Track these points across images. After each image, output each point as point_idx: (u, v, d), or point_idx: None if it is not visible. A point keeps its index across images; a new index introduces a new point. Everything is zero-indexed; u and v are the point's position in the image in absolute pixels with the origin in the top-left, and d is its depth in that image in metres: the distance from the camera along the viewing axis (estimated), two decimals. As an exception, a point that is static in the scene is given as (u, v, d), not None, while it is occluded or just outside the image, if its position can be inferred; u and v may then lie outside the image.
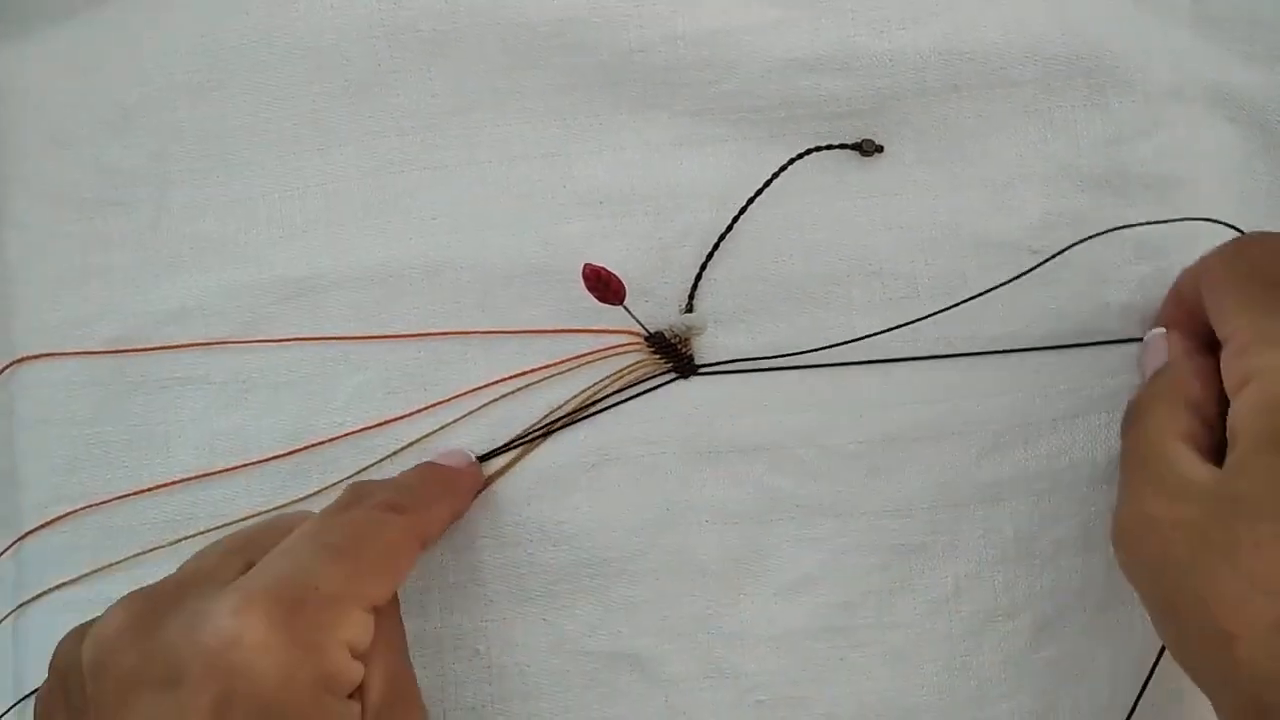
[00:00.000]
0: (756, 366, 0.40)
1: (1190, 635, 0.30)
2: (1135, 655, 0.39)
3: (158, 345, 0.40)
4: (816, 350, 0.39)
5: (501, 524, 0.40)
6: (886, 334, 0.40)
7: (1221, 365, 0.32)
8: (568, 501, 0.40)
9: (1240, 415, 0.30)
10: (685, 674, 0.39)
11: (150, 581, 0.39)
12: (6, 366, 0.41)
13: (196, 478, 0.40)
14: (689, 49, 0.40)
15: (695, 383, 0.40)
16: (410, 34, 0.40)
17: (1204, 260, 0.35)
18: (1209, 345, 0.34)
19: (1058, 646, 0.39)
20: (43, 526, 0.40)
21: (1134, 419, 0.35)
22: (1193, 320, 0.35)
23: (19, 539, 0.40)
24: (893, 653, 0.39)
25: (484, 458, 0.40)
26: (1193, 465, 0.31)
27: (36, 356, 0.41)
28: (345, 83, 0.40)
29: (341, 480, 0.40)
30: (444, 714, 0.39)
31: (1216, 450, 0.32)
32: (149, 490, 0.40)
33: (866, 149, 0.40)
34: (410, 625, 0.39)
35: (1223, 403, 0.32)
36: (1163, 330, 0.37)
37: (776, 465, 0.39)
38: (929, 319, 0.39)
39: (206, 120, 0.41)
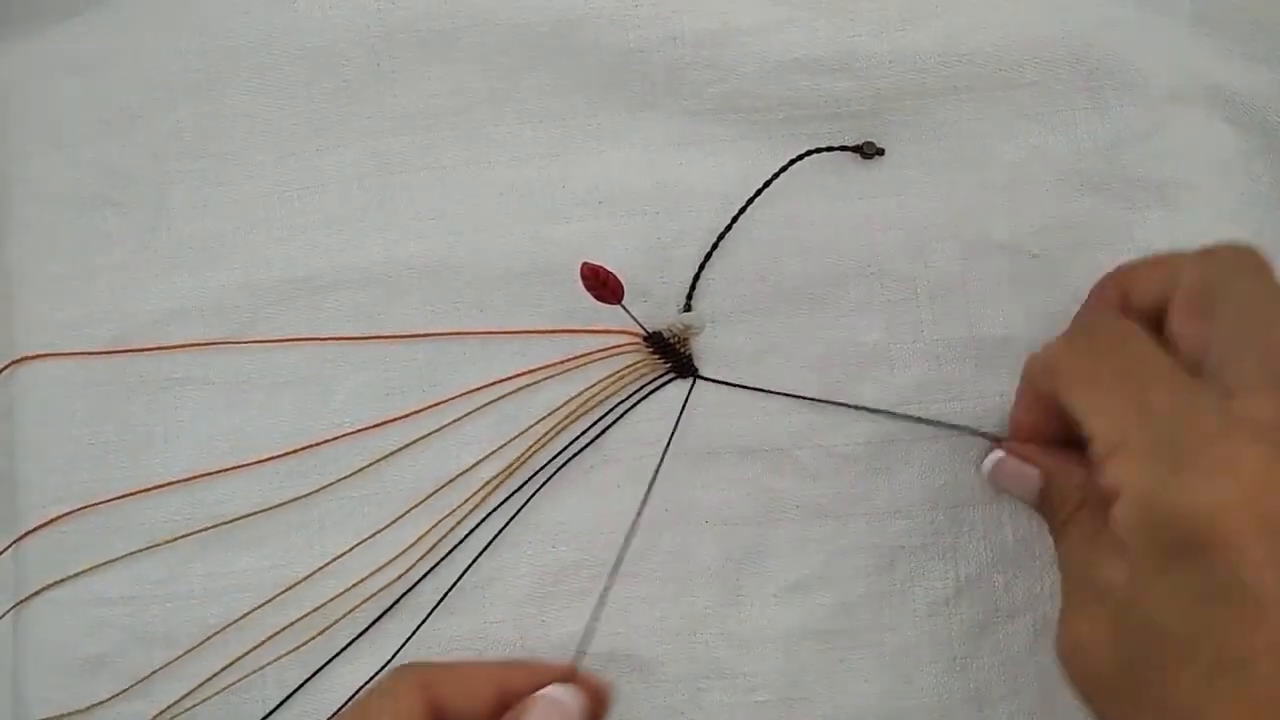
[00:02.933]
0: (751, 384, 0.40)
1: None
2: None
3: (157, 345, 0.41)
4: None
5: (499, 525, 0.39)
6: (889, 339, 0.40)
7: (1091, 466, 0.30)
8: (566, 502, 0.39)
9: (1123, 529, 0.28)
10: (684, 675, 0.39)
11: (148, 580, 0.39)
12: (6, 366, 0.41)
13: (195, 478, 0.40)
14: (688, 49, 0.40)
15: (693, 383, 0.40)
16: (409, 34, 0.40)
17: (1048, 356, 0.33)
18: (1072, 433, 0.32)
19: (1057, 649, 0.39)
20: (42, 526, 0.40)
21: (1058, 539, 0.33)
22: (1052, 416, 0.33)
23: (18, 539, 0.40)
24: (892, 654, 0.39)
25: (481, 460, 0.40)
26: (1110, 569, 0.29)
27: (36, 356, 0.41)
28: (344, 83, 0.41)
29: (339, 480, 0.40)
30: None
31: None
32: (148, 490, 0.40)
33: (867, 151, 0.40)
34: (408, 626, 0.39)
35: None
36: (1000, 454, 0.36)
37: (775, 466, 0.39)
38: (929, 323, 0.40)
39: (206, 120, 0.41)
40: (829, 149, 0.40)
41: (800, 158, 0.40)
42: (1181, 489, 0.27)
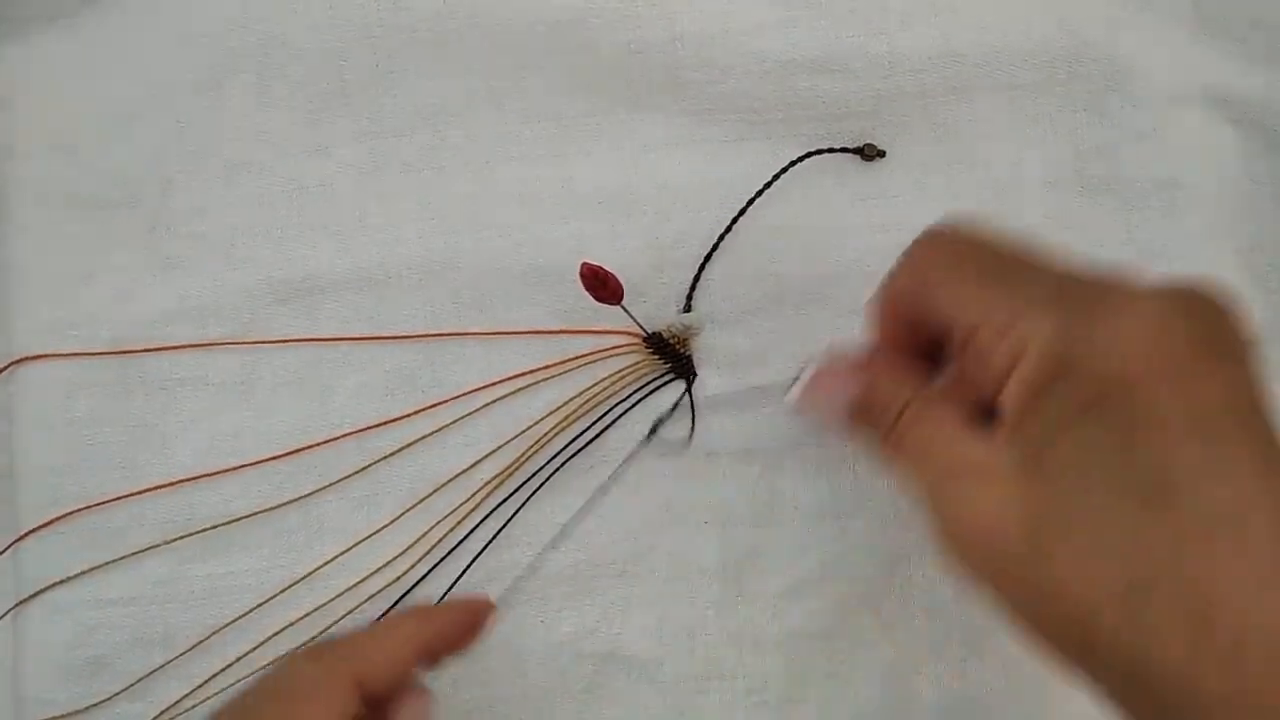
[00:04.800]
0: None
1: (1047, 620, 0.28)
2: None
3: (157, 346, 0.40)
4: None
5: (499, 525, 0.39)
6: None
7: (977, 356, 0.29)
8: (565, 502, 0.39)
9: (1025, 389, 0.28)
10: (684, 676, 0.39)
11: (148, 581, 0.39)
12: (6, 367, 0.41)
13: (195, 478, 0.40)
14: (688, 49, 0.40)
15: (694, 384, 0.40)
16: (409, 34, 0.40)
17: (912, 270, 0.32)
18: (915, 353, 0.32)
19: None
20: (41, 526, 0.40)
21: (894, 447, 0.31)
22: (906, 333, 0.32)
23: (17, 539, 0.40)
24: (891, 656, 0.39)
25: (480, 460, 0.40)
26: (979, 444, 0.29)
27: (36, 357, 0.41)
28: (344, 83, 0.41)
29: (339, 480, 0.40)
30: (441, 716, 0.39)
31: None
32: (147, 491, 0.40)
33: (869, 153, 0.40)
34: (408, 626, 0.39)
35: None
36: (814, 365, 0.34)
37: (776, 467, 0.39)
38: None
39: (206, 120, 0.41)
40: (831, 150, 0.40)
41: (801, 159, 0.40)
42: (1088, 341, 0.27)
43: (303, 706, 0.31)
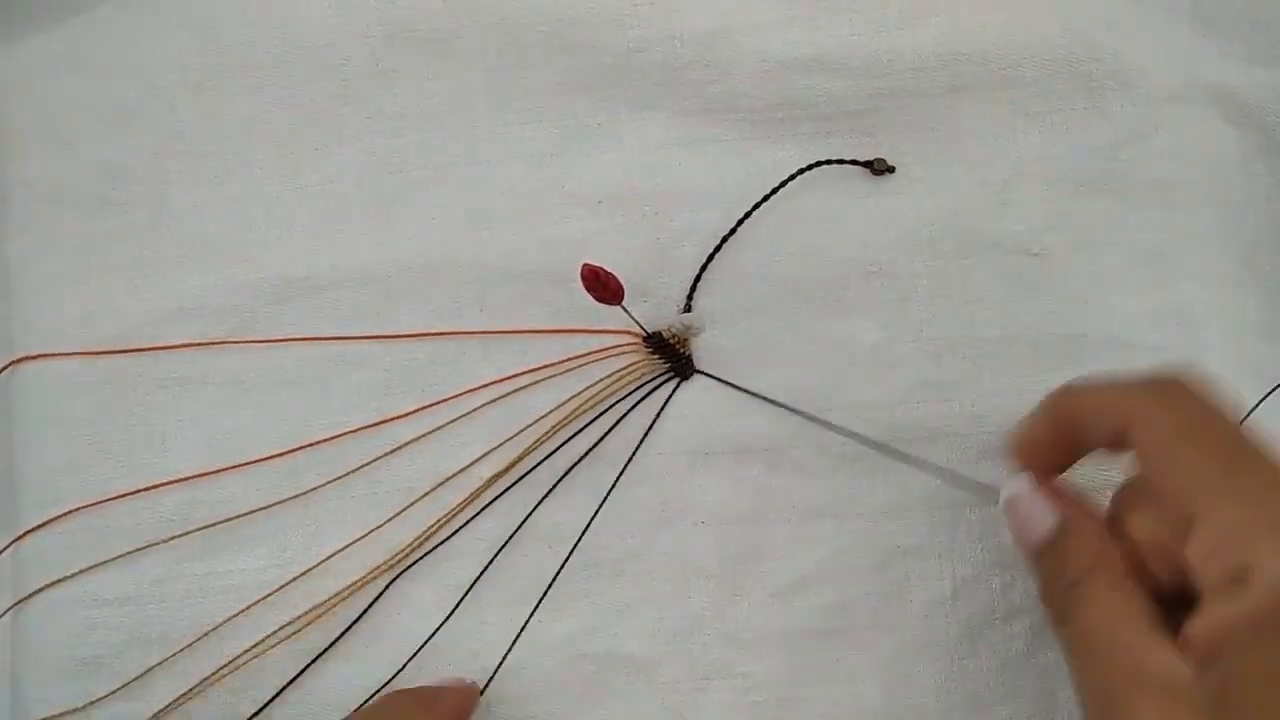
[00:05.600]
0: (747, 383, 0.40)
1: None
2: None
3: (157, 345, 0.41)
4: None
5: (495, 525, 0.39)
6: (888, 338, 0.40)
7: (1193, 547, 0.27)
8: (562, 503, 0.39)
9: (1238, 622, 0.26)
10: (682, 675, 0.39)
11: (146, 580, 0.39)
12: (6, 366, 0.41)
13: (194, 477, 0.40)
14: (687, 48, 0.40)
15: (692, 382, 0.40)
16: (408, 33, 0.40)
17: (1135, 403, 0.30)
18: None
19: (1056, 651, 0.39)
20: (41, 526, 0.40)
21: (1069, 609, 0.30)
22: (1073, 448, 0.32)
23: (17, 538, 0.40)
24: (890, 655, 0.39)
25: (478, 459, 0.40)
26: (1167, 657, 0.27)
27: (36, 356, 0.41)
28: (343, 82, 0.41)
29: (337, 479, 0.40)
30: (440, 715, 0.39)
31: (1165, 607, 0.28)
32: (147, 490, 0.40)
33: (879, 168, 0.40)
34: (405, 627, 0.39)
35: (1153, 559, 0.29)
36: (1027, 486, 0.33)
37: (773, 465, 0.39)
38: (928, 323, 0.39)
39: (206, 120, 0.41)
40: (840, 162, 0.40)
41: (809, 168, 0.40)
42: None
43: None
